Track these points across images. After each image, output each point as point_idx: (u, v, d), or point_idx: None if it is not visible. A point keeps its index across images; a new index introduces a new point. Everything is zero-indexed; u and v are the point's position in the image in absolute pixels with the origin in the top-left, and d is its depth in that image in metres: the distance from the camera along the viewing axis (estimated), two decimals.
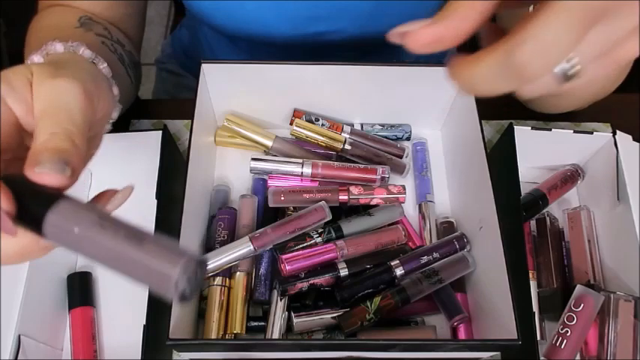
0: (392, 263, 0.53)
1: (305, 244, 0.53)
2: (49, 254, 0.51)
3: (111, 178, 0.60)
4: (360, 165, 0.58)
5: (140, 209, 0.54)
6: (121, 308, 0.53)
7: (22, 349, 0.45)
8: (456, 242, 0.54)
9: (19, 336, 0.45)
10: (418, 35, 0.33)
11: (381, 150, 0.61)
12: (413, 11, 0.64)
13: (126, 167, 0.58)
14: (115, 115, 0.49)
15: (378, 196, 0.56)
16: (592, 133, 0.57)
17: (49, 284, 0.51)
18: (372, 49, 0.70)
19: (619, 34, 0.28)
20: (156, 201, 0.51)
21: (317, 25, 0.63)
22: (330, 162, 0.58)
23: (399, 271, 0.52)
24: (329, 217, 0.54)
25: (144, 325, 0.46)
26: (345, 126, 0.61)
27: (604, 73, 0.30)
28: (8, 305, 0.46)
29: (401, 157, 0.62)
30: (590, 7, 0.26)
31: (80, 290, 0.53)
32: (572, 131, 0.56)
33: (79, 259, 0.56)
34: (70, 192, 0.57)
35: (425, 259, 0.53)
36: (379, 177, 0.57)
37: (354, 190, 0.56)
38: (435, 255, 0.54)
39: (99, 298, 0.54)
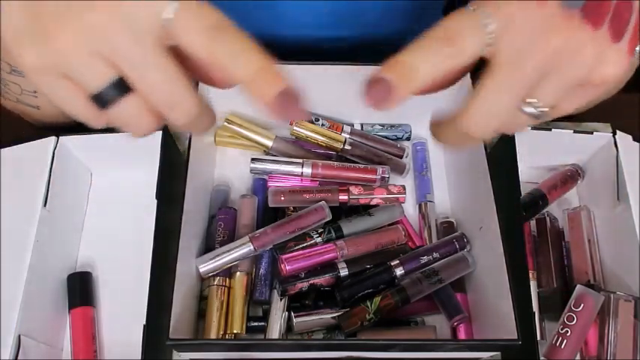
0: (392, 263, 0.53)
1: (305, 244, 0.53)
2: (50, 255, 0.51)
3: (111, 178, 0.60)
4: (360, 165, 0.58)
5: (140, 209, 0.54)
6: (121, 308, 0.53)
7: (22, 348, 0.45)
8: (456, 242, 0.54)
9: (19, 336, 0.45)
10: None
11: (381, 150, 0.61)
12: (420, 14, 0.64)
13: (126, 167, 0.58)
14: None
15: (378, 196, 0.56)
16: (592, 133, 0.57)
17: (49, 284, 0.51)
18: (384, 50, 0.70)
19: (578, 75, 0.33)
20: (156, 201, 0.51)
21: (320, 32, 0.63)
22: (330, 162, 0.58)
23: (399, 271, 0.52)
24: (329, 217, 0.54)
25: (144, 325, 0.46)
26: (345, 126, 0.61)
27: (585, 101, 0.35)
28: (8, 305, 0.46)
29: (401, 157, 0.62)
30: (520, 79, 0.32)
31: (80, 290, 0.53)
32: (572, 131, 0.56)
33: (80, 258, 0.56)
34: (69, 191, 0.57)
35: (425, 259, 0.53)
36: (379, 177, 0.57)
37: (354, 190, 0.56)
38: (435, 255, 0.53)
39: (99, 298, 0.54)
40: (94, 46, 0.30)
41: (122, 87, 0.31)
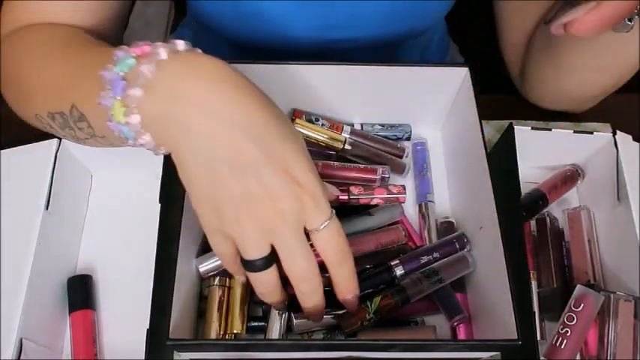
0: (392, 263, 0.53)
1: None
2: (51, 257, 0.51)
3: (112, 180, 0.60)
4: (360, 165, 0.58)
5: (141, 211, 0.54)
6: (122, 311, 0.53)
7: (23, 351, 0.45)
8: (456, 242, 0.54)
9: (21, 339, 0.45)
10: (583, 22, 0.42)
11: (381, 150, 0.61)
12: (425, 13, 0.64)
13: (127, 170, 0.58)
14: None
15: (378, 196, 0.56)
16: (592, 133, 0.57)
17: (50, 287, 0.51)
18: (386, 50, 0.71)
19: None
20: (159, 204, 0.51)
21: (332, 33, 0.63)
22: (330, 162, 0.58)
23: (398, 271, 0.52)
24: None
25: (147, 330, 0.46)
26: (345, 126, 0.61)
27: None
28: (10, 308, 0.46)
29: (401, 157, 0.62)
30: None
31: (81, 293, 0.53)
32: (572, 131, 0.56)
33: (80, 261, 0.56)
34: (70, 193, 0.57)
35: (425, 259, 0.53)
36: (379, 177, 0.57)
37: (354, 190, 0.56)
38: (435, 255, 0.53)
39: (99, 301, 0.54)
40: (266, 235, 0.39)
41: (269, 261, 0.40)
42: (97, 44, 0.50)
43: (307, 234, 0.41)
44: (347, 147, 0.60)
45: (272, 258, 0.40)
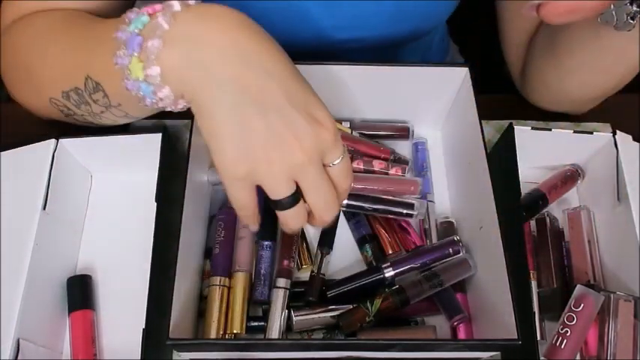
0: (383, 265, 0.53)
1: None
2: (49, 257, 0.51)
3: (111, 180, 0.60)
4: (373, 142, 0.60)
5: (140, 211, 0.54)
6: (121, 311, 0.53)
7: (21, 352, 0.45)
8: (449, 247, 0.54)
9: (19, 339, 0.45)
10: (555, 6, 0.41)
11: (384, 134, 0.62)
12: (430, 14, 0.64)
13: (126, 169, 0.58)
14: None
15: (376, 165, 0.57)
16: (592, 133, 0.57)
17: (48, 287, 0.51)
18: (388, 51, 0.71)
19: None
20: (155, 203, 0.51)
21: (337, 33, 0.63)
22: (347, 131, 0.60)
23: (388, 273, 0.52)
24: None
25: (143, 329, 0.46)
26: (343, 123, 0.61)
27: None
28: (8, 308, 0.46)
29: (406, 137, 0.62)
30: None
31: (80, 293, 0.52)
32: (572, 131, 0.56)
33: (80, 261, 0.56)
34: (68, 194, 0.57)
35: (418, 263, 0.53)
36: (391, 157, 0.59)
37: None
38: (427, 260, 0.53)
39: (99, 301, 0.54)
40: (293, 172, 0.39)
41: (297, 197, 0.41)
42: (101, 19, 0.49)
43: None
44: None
45: (299, 193, 0.41)
